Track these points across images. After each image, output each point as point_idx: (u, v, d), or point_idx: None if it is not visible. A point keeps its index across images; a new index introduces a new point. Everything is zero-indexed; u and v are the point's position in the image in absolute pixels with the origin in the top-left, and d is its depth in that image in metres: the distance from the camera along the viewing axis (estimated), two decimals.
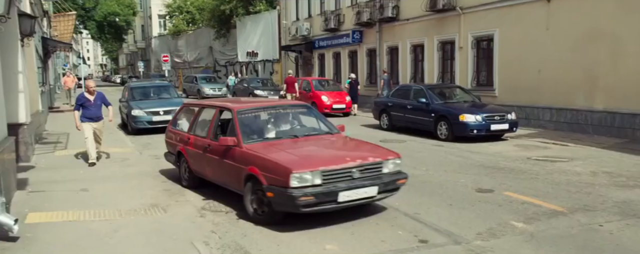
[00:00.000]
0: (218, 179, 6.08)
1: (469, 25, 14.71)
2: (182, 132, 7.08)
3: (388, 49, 19.10)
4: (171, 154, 7.36)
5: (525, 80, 12.77)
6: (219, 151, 5.79)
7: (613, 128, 10.73)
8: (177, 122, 7.49)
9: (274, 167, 4.88)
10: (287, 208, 4.85)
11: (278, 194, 4.77)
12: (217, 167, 5.93)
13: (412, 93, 12.72)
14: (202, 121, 6.73)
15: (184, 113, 7.51)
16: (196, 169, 6.54)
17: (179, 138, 7.04)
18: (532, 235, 4.73)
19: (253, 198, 5.20)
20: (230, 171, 5.58)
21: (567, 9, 11.57)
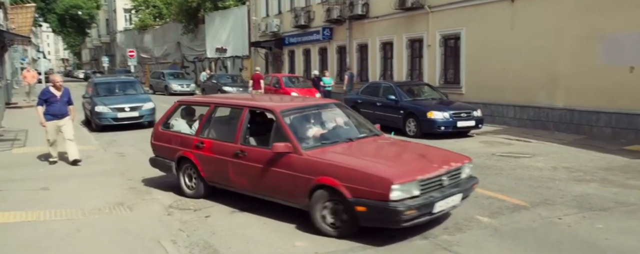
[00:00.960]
0: (258, 190, 5.32)
1: (437, 24, 14.96)
2: (184, 134, 6.18)
3: (358, 46, 19.21)
4: (164, 160, 6.36)
5: (490, 78, 13.10)
6: (262, 158, 5.10)
7: (572, 125, 11.15)
8: (170, 123, 6.52)
9: (365, 178, 4.33)
10: (383, 223, 4.40)
11: (374, 208, 4.25)
12: (257, 177, 5.18)
13: (381, 90, 12.86)
14: (221, 122, 6.04)
15: (182, 112, 6.62)
16: (213, 178, 5.76)
17: (180, 142, 6.11)
18: (496, 229, 4.87)
19: (326, 211, 4.62)
20: (283, 181, 4.93)
21: (530, 9, 11.93)
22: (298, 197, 4.85)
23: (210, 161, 5.72)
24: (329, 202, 4.59)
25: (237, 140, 5.44)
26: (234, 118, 5.93)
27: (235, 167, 5.42)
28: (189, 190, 6.10)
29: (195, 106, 6.71)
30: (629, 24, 9.75)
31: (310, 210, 4.73)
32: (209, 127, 5.97)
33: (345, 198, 4.41)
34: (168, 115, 6.59)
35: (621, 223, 4.98)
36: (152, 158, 6.69)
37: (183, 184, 6.15)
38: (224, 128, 5.93)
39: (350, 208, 4.41)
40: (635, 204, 5.63)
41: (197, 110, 6.63)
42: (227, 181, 5.62)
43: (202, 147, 5.80)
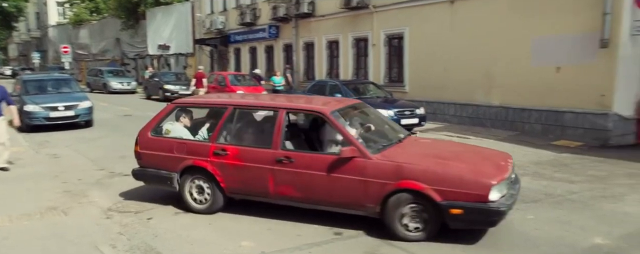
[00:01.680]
0: (310, 198, 4.89)
1: (381, 23, 15.28)
2: (192, 141, 5.43)
3: (304, 44, 19.26)
4: (157, 171, 5.48)
5: (432, 77, 13.56)
6: (316, 164, 4.75)
7: (507, 122, 11.78)
8: (164, 128, 5.63)
9: (458, 181, 4.27)
10: (479, 224, 4.43)
11: (472, 210, 4.21)
12: (311, 184, 4.79)
13: (327, 89, 12.96)
14: (247, 126, 5.49)
15: (179, 116, 5.76)
16: (239, 188, 5.20)
17: (187, 150, 5.32)
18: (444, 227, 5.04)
19: (406, 216, 4.48)
20: (350, 187, 4.62)
21: (468, 11, 12.45)
22: (367, 203, 4.62)
23: (237, 170, 5.09)
24: (411, 206, 4.45)
25: (276, 145, 4.93)
26: (265, 121, 5.43)
27: (278, 175, 4.91)
28: (199, 205, 5.35)
29: (197, 108, 5.95)
30: (554, 28, 10.40)
31: (385, 216, 4.55)
32: (230, 132, 5.34)
33: (434, 202, 4.33)
34: (160, 118, 5.64)
35: (549, 213, 5.33)
36: (138, 170, 5.66)
37: (188, 199, 5.39)
38: (252, 132, 5.42)
39: (440, 211, 4.33)
40: (561, 195, 6.03)
41: (197, 113, 5.92)
42: (263, 190, 5.06)
43: (225, 155, 5.13)
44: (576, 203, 5.67)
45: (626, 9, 9.24)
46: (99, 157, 8.47)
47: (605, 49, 9.48)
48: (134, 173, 5.71)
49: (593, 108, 9.82)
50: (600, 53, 9.59)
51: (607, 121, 9.61)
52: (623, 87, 9.52)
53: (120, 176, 7.08)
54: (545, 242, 4.49)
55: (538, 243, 4.47)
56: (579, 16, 9.91)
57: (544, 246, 4.40)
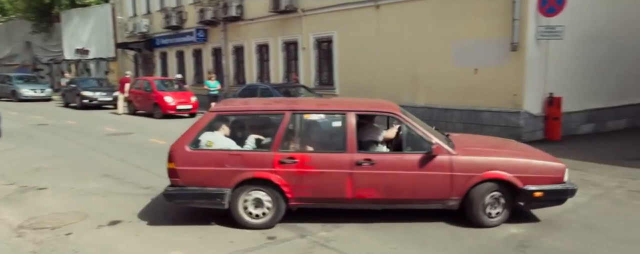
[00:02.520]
0: (392, 198, 4.92)
1: (310, 27, 15.44)
2: (248, 152, 4.99)
3: (234, 48, 18.99)
4: (202, 189, 4.89)
5: (361, 79, 13.91)
6: (401, 164, 4.83)
7: (432, 121, 12.27)
8: (202, 139, 5.05)
9: (538, 168, 4.89)
10: (554, 203, 5.05)
11: (551, 191, 4.86)
12: (395, 184, 4.83)
13: (258, 92, 12.90)
14: (310, 131, 5.19)
15: (219, 125, 5.23)
16: (310, 196, 4.94)
17: (242, 161, 4.88)
18: (368, 223, 5.16)
19: (489, 204, 4.88)
20: (435, 183, 4.82)
21: (393, 15, 12.93)
22: (452, 197, 4.89)
23: (309, 178, 4.85)
24: (492, 194, 4.87)
25: (352, 148, 4.84)
26: (329, 125, 5.21)
27: (358, 178, 4.83)
28: (255, 219, 4.95)
29: (242, 116, 5.41)
30: (471, 32, 11.09)
31: (468, 206, 4.88)
32: (293, 139, 5.02)
33: (517, 188, 4.82)
34: (200, 129, 5.05)
35: None
36: (175, 190, 4.96)
37: (243, 215, 4.95)
38: (317, 137, 5.19)
39: (519, 195, 4.84)
40: None
41: (241, 120, 5.39)
42: (338, 195, 4.90)
43: (293, 163, 4.84)
44: None
45: (531, 15, 10.05)
46: (8, 171, 7.78)
47: (515, 52, 10.25)
48: (170, 195, 4.98)
49: (507, 107, 10.57)
50: (511, 56, 10.35)
51: (519, 118, 10.39)
52: (532, 88, 10.34)
53: (34, 190, 6.56)
54: (468, 234, 4.75)
55: (461, 236, 4.72)
56: (492, 21, 10.64)
57: (467, 238, 4.66)
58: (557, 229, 4.84)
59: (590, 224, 5.02)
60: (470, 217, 4.93)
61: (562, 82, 10.60)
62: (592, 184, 6.57)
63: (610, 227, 4.90)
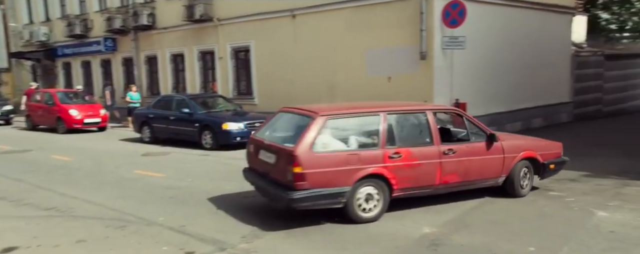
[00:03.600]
0: (466, 180, 5.92)
1: (226, 36, 15.23)
2: (362, 151, 5.28)
3: (146, 58, 18.20)
4: (326, 190, 5.01)
5: (280, 88, 13.95)
6: (473, 151, 5.92)
7: None
8: (322, 143, 5.16)
9: (549, 147, 6.63)
10: (556, 172, 6.69)
11: (558, 163, 6.58)
12: (469, 167, 5.87)
13: (174, 104, 12.46)
14: (402, 129, 5.69)
15: (328, 127, 5.29)
16: (409, 186, 5.56)
17: (359, 160, 5.19)
18: (289, 231, 5.16)
19: (521, 177, 6.28)
20: (493, 164, 6.06)
21: (309, 24, 13.15)
22: (502, 174, 6.15)
23: (411, 170, 5.50)
24: (524, 169, 6.26)
25: (437, 141, 5.69)
26: (412, 122, 5.90)
27: (445, 166, 5.66)
28: (366, 213, 5.33)
29: (346, 118, 5.55)
30: (384, 41, 11.61)
31: (510, 181, 6.20)
32: (392, 136, 5.52)
33: (539, 162, 6.36)
34: (317, 132, 5.15)
35: (388, 210, 5.85)
36: (303, 195, 4.95)
37: (357, 210, 5.28)
38: (408, 133, 5.77)
39: (541, 168, 6.41)
40: None
41: (344, 122, 5.53)
42: (430, 183, 5.68)
43: (399, 157, 5.41)
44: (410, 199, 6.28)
45: (437, 26, 10.75)
46: None
47: (424, 61, 10.89)
48: (298, 199, 4.96)
49: None
50: (421, 64, 10.98)
51: None
52: (440, 94, 11.02)
53: None
54: (385, 237, 4.92)
55: (379, 238, 4.88)
56: (402, 31, 11.21)
57: (384, 240, 4.83)
58: (465, 227, 5.17)
59: (493, 220, 5.43)
60: (510, 190, 6.26)
61: (467, 89, 11.42)
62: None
63: (509, 221, 5.34)
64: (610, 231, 4.86)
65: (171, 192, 7.06)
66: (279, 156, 5.29)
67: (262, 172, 5.73)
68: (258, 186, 5.87)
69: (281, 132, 5.97)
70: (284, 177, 5.13)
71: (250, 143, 6.17)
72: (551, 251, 4.39)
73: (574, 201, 6.06)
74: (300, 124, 5.48)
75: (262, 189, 5.75)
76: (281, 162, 5.22)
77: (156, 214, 5.82)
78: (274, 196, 5.39)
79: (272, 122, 6.25)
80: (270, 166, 5.50)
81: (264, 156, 5.65)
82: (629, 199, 6.05)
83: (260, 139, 5.92)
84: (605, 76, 17.25)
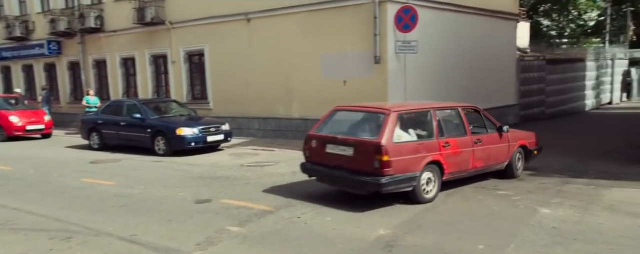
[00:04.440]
0: (487, 164, 7.10)
1: (180, 40, 14.91)
2: (425, 141, 6.30)
3: (94, 62, 17.52)
4: (403, 175, 5.88)
5: (236, 93, 13.80)
6: (492, 140, 7.15)
7: (306, 132, 12.65)
8: (397, 135, 6.03)
9: (532, 137, 8.11)
10: (536, 157, 8.18)
11: (538, 149, 8.13)
12: (489, 154, 7.05)
13: (125, 109, 12.07)
14: (444, 123, 6.63)
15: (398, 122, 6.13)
16: (454, 171, 6.57)
17: (425, 148, 6.19)
18: (245, 237, 5.12)
19: (518, 160, 7.69)
20: (503, 151, 7.34)
21: (264, 29, 13.08)
22: (507, 159, 7.46)
23: (456, 157, 6.52)
24: (518, 155, 7.67)
25: (469, 133, 6.83)
26: (452, 117, 6.96)
27: (475, 153, 6.79)
28: (427, 195, 6.24)
29: (409, 114, 6.58)
30: (339, 46, 11.74)
31: (510, 165, 7.56)
32: (441, 129, 6.45)
33: (528, 149, 7.87)
34: (394, 126, 6.03)
35: (344, 213, 5.90)
36: (389, 179, 5.75)
37: (422, 192, 6.18)
38: (448, 126, 6.70)
39: (530, 153, 7.92)
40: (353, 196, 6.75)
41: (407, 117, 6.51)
42: (466, 168, 6.76)
43: (448, 146, 6.39)
44: (365, 201, 6.41)
45: (390, 31, 10.99)
46: None
47: (379, 65, 11.09)
48: (386, 184, 5.75)
49: None
50: (376, 68, 11.18)
51: None
52: (394, 97, 11.24)
53: None
54: (341, 240, 4.96)
55: (335, 242, 4.91)
56: (357, 36, 11.37)
57: (340, 243, 4.86)
58: (418, 228, 5.30)
59: (444, 220, 5.59)
60: (510, 173, 7.55)
61: (420, 92, 11.71)
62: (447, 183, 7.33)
63: (460, 220, 5.52)
64: (552, 227, 5.12)
65: (122, 200, 6.82)
66: (360, 148, 6.00)
67: (334, 165, 6.30)
68: (330, 176, 6.44)
69: (351, 128, 6.59)
70: (368, 166, 5.86)
71: (310, 139, 6.76)
72: (499, 249, 4.57)
73: (520, 199, 6.34)
74: (373, 120, 6.36)
75: (338, 179, 6.34)
76: (364, 153, 5.94)
77: (106, 224, 5.60)
78: (357, 183, 6.02)
79: (330, 120, 6.88)
80: (346, 158, 6.14)
81: (336, 150, 6.27)
82: (569, 196, 6.40)
83: (326, 135, 6.57)
84: (548, 80, 18.21)
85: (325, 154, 6.42)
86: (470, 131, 6.87)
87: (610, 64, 23.81)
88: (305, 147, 6.85)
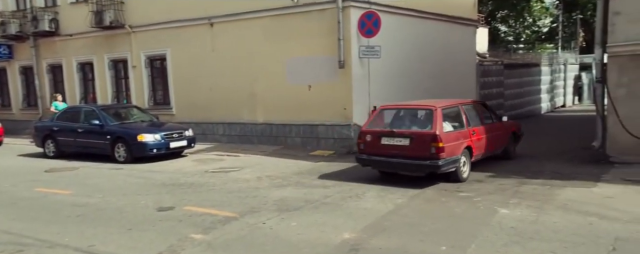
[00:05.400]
0: (492, 147, 8.70)
1: (140, 44, 14.54)
2: (461, 130, 7.82)
3: (49, 67, 16.86)
4: (451, 158, 7.36)
5: (199, 98, 13.57)
6: (495, 127, 8.86)
7: (271, 137, 12.65)
8: (444, 126, 7.48)
9: (517, 124, 10.02)
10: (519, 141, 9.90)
11: (522, 135, 9.97)
12: (494, 138, 8.67)
13: (82, 115, 11.69)
14: (471, 115, 8.38)
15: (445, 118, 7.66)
16: (479, 153, 8.21)
17: (463, 136, 7.76)
18: (209, 244, 5.03)
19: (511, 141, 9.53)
20: (503, 135, 9.18)
21: (227, 33, 12.93)
22: (504, 145, 9.27)
23: (479, 142, 8.16)
24: (511, 138, 9.52)
25: (483, 122, 8.62)
26: (472, 110, 8.64)
27: (489, 139, 8.46)
28: (464, 174, 7.71)
29: (448, 109, 7.92)
30: (304, 50, 11.74)
31: (507, 148, 9.43)
32: (468, 120, 8.09)
33: (517, 134, 9.75)
34: (441, 120, 7.42)
35: (309, 218, 5.92)
36: (443, 161, 7.16)
37: (461, 172, 7.64)
38: (472, 118, 8.36)
39: (518, 138, 9.84)
40: (318, 200, 6.78)
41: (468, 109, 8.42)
42: (484, 150, 8.37)
43: (475, 134, 8.06)
44: (330, 205, 6.46)
45: (354, 36, 11.09)
46: None
47: (343, 69, 11.17)
48: (440, 166, 7.14)
49: (339, 120, 11.41)
50: (340, 72, 11.24)
51: (350, 130, 11.30)
52: (359, 101, 11.35)
53: None
54: (306, 244, 4.95)
55: (300, 246, 4.90)
56: (321, 41, 11.41)
57: (305, 248, 4.85)
58: (383, 231, 5.35)
59: (408, 222, 5.68)
60: (506, 155, 9.37)
61: (384, 96, 11.85)
62: (411, 186, 7.47)
63: (423, 222, 5.62)
64: (510, 227, 5.28)
65: (79, 210, 6.57)
66: (417, 138, 7.37)
67: (390, 154, 7.54)
68: (388, 163, 7.66)
69: (403, 122, 8.02)
70: (425, 152, 7.21)
71: (364, 134, 7.88)
72: (461, 249, 4.68)
73: (480, 200, 6.52)
74: (422, 115, 7.92)
75: (396, 165, 7.57)
76: (421, 142, 7.29)
77: (61, 235, 5.39)
78: (415, 167, 7.43)
79: (378, 117, 8.32)
80: (402, 147, 7.46)
81: (392, 141, 7.56)
82: (526, 196, 6.63)
83: (381, 129, 7.91)
84: (505, 84, 18.84)
85: (381, 145, 7.63)
86: (483, 121, 8.62)
87: (562, 68, 24.88)
88: (359, 141, 7.97)
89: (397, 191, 7.14)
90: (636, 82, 8.47)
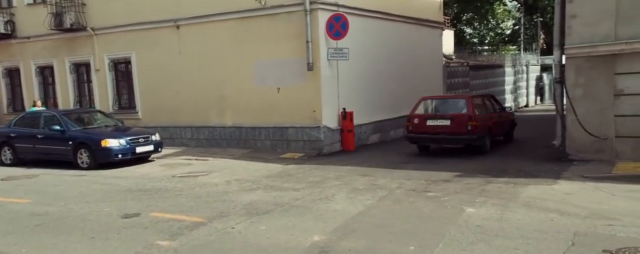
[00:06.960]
0: (502, 130, 11.63)
1: (103, 47, 14.16)
2: (484, 114, 10.54)
3: (6, 70, 16.23)
4: (481, 135, 10.12)
5: (166, 101, 13.30)
6: (504, 115, 11.72)
7: (241, 140, 12.52)
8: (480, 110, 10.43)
9: (513, 114, 12.98)
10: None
11: (516, 123, 12.66)
12: (504, 123, 11.64)
13: (42, 120, 11.27)
14: (488, 104, 11.23)
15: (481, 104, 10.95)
16: (495, 133, 11.02)
17: (488, 119, 10.54)
18: (176, 250, 4.92)
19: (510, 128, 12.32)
20: (507, 123, 11.85)
21: (194, 35, 12.74)
22: (509, 128, 12.03)
23: (496, 125, 10.82)
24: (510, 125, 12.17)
25: (495, 110, 11.30)
26: (487, 101, 11.41)
27: (500, 123, 11.21)
28: (487, 147, 10.32)
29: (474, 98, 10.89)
30: (273, 53, 11.68)
31: (508, 133, 12.04)
32: (487, 107, 10.97)
33: (514, 122, 12.40)
34: (473, 106, 10.19)
35: (279, 221, 5.87)
36: (476, 137, 9.95)
37: (486, 145, 10.37)
38: (490, 106, 11.18)
39: (514, 125, 12.52)
40: (288, 203, 6.74)
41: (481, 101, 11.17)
42: (498, 133, 11.18)
43: (491, 118, 10.64)
44: (300, 208, 6.43)
45: (322, 38, 11.11)
46: None
47: (312, 72, 11.17)
48: (474, 139, 9.98)
49: (308, 122, 11.41)
50: (309, 75, 11.24)
51: (319, 132, 11.32)
52: (328, 103, 11.39)
53: None
54: (276, 248, 4.91)
55: (270, 250, 4.85)
56: (289, 43, 11.38)
57: (275, 252, 4.81)
58: (352, 232, 5.36)
59: (378, 223, 5.71)
60: (507, 140, 11.93)
61: (352, 98, 11.96)
62: (379, 187, 7.52)
63: (392, 223, 5.66)
64: (476, 225, 5.39)
65: (38, 219, 6.32)
66: (456, 119, 10.03)
67: (435, 132, 10.24)
68: (433, 139, 10.53)
69: (443, 108, 10.69)
70: (462, 129, 9.91)
71: (412, 118, 10.59)
72: (428, 249, 4.74)
73: (448, 200, 6.63)
74: (457, 102, 10.75)
75: (440, 139, 10.50)
76: (459, 121, 9.97)
77: (18, 246, 5.16)
78: (455, 141, 10.31)
79: (422, 106, 10.81)
80: (444, 126, 10.13)
81: (435, 122, 10.24)
82: (491, 195, 6.78)
83: (424, 114, 10.60)
84: (471, 84, 19.30)
85: (427, 126, 10.30)
86: (496, 109, 11.28)
87: (525, 69, 25.69)
88: (408, 123, 10.68)
89: (366, 192, 7.18)
90: (592, 83, 8.81)
